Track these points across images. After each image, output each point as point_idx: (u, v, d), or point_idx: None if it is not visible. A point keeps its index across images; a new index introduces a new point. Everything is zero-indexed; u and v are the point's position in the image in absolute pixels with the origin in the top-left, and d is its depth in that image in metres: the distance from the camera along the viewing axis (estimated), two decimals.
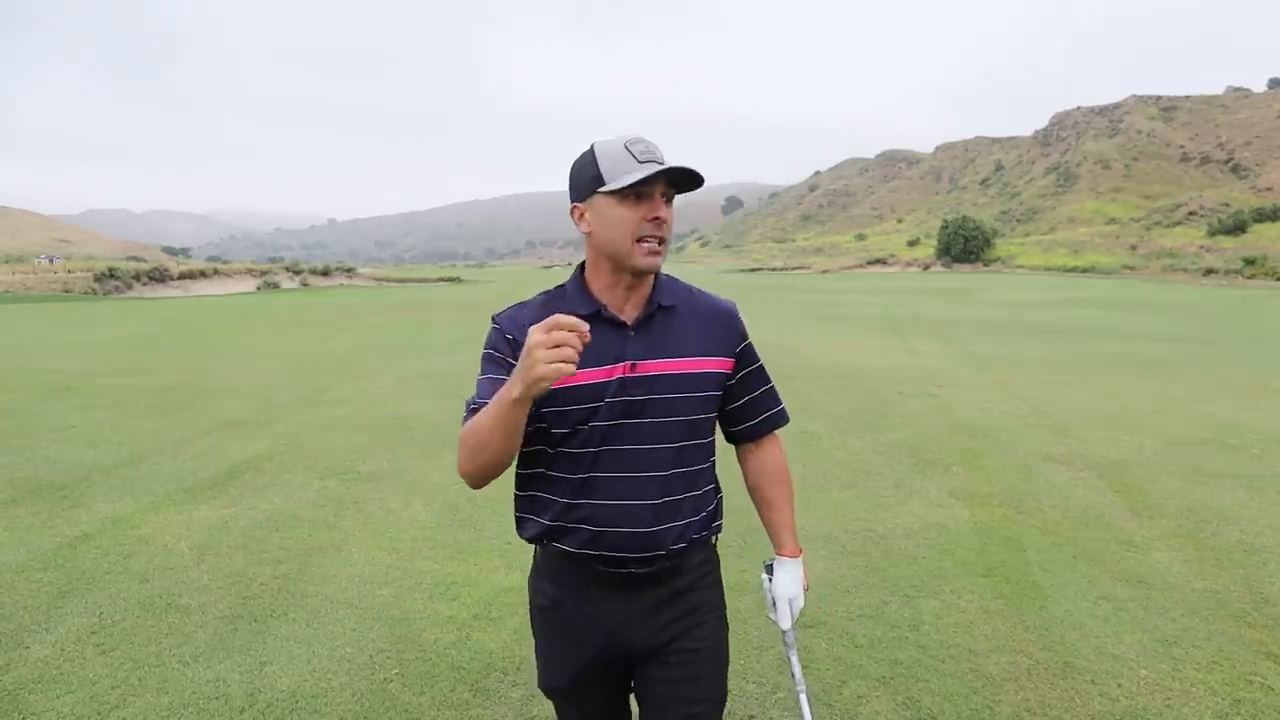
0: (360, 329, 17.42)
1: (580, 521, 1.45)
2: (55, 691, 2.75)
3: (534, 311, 1.45)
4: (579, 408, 1.41)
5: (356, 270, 60.25)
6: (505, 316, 1.48)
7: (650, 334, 1.45)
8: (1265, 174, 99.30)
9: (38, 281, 39.23)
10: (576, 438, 1.43)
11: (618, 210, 1.37)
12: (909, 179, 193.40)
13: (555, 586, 1.53)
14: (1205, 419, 7.10)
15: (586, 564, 1.47)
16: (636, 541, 1.44)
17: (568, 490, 1.45)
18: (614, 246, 1.39)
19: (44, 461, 5.81)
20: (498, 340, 1.46)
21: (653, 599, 1.49)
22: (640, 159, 1.36)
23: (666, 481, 1.45)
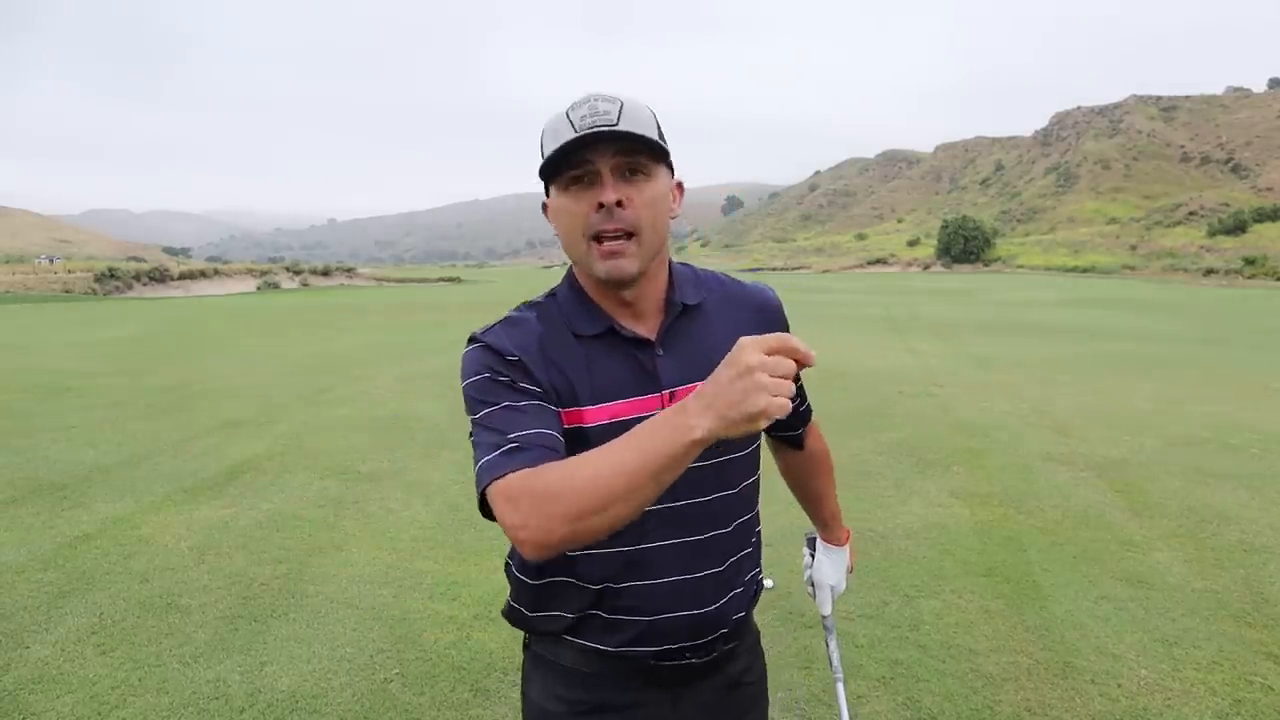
0: (360, 329, 17.42)
1: (625, 612, 1.09)
2: (55, 691, 2.75)
3: (526, 330, 1.09)
4: None
5: (356, 270, 60.31)
6: (494, 334, 1.08)
7: (680, 348, 1.10)
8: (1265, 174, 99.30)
9: (38, 282, 39.26)
10: None
11: (561, 200, 1.05)
12: (909, 179, 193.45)
13: (579, 690, 1.14)
14: (1205, 419, 7.09)
15: (629, 661, 1.12)
16: (696, 625, 1.12)
17: (605, 571, 1.09)
18: (571, 249, 1.06)
19: (44, 461, 5.81)
20: (491, 360, 1.05)
21: (711, 693, 1.18)
22: (579, 127, 0.99)
23: (726, 540, 1.14)
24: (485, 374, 1.05)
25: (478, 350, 1.07)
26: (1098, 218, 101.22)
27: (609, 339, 1.09)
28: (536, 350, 1.07)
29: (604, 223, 1.01)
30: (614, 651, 1.11)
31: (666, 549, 1.09)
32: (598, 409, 1.06)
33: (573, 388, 1.06)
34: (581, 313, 1.10)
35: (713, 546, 1.13)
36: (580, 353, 1.08)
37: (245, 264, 60.68)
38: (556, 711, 1.15)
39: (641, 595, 1.09)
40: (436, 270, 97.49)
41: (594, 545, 0.98)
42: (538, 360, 1.06)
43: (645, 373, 1.08)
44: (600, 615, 1.11)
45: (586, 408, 1.06)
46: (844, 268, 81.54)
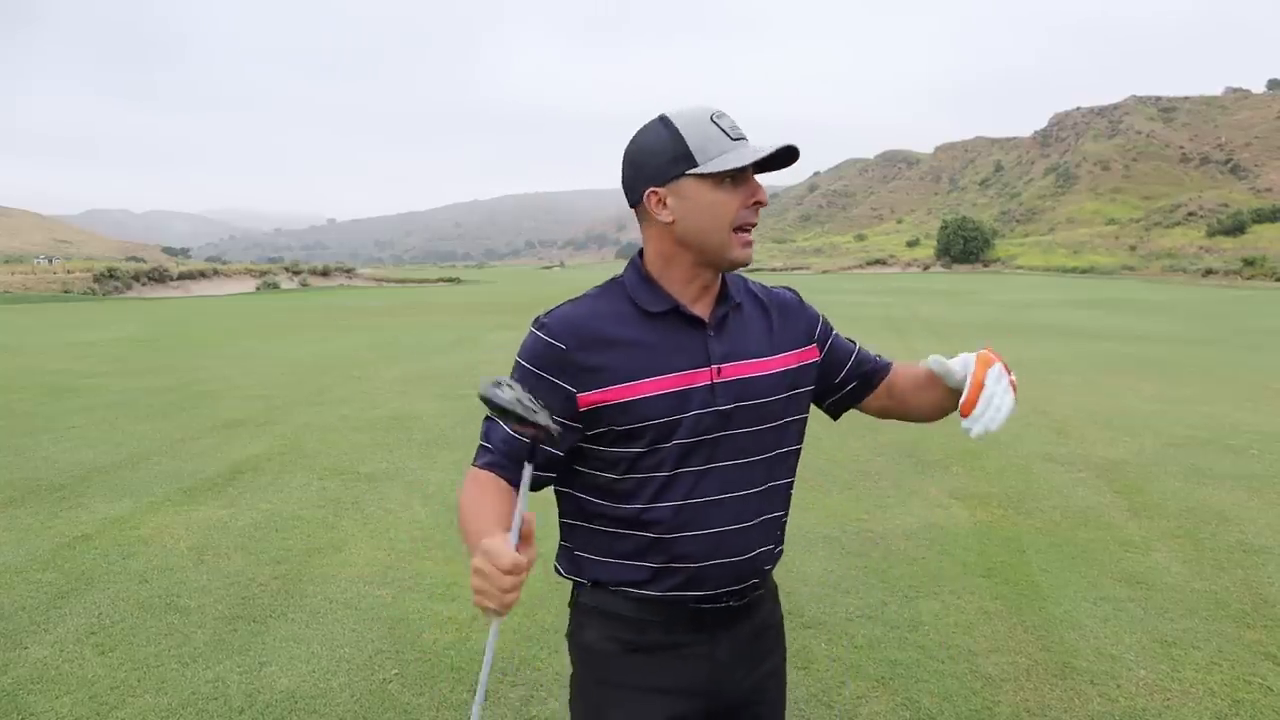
0: (360, 329, 17.41)
1: (674, 560, 1.22)
2: (54, 692, 2.75)
3: (589, 309, 1.23)
4: (663, 421, 1.19)
5: (356, 271, 60.24)
6: (556, 319, 1.21)
7: (729, 334, 1.25)
8: (1264, 174, 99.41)
9: (37, 282, 39.22)
10: (655, 457, 1.20)
11: (714, 195, 1.16)
12: (909, 179, 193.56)
13: (629, 630, 1.26)
14: (1205, 419, 7.10)
15: (675, 605, 1.25)
16: (734, 574, 1.25)
17: (655, 525, 1.21)
18: (706, 237, 1.18)
19: (44, 462, 5.81)
20: (546, 353, 1.19)
21: (743, 635, 1.31)
22: (733, 136, 1.16)
23: (761, 498, 1.27)
24: (530, 363, 1.21)
25: (534, 338, 1.22)
26: (1097, 218, 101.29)
27: (673, 316, 1.23)
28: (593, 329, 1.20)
29: (752, 217, 1.20)
30: (663, 596, 1.24)
31: (717, 504, 1.23)
32: (647, 383, 1.19)
33: (623, 365, 1.20)
34: (649, 293, 1.23)
35: (750, 505, 1.26)
36: (646, 327, 1.22)
37: (245, 264, 60.63)
38: (610, 650, 1.27)
39: (691, 544, 1.22)
40: (436, 270, 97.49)
41: (652, 499, 1.20)
42: (589, 341, 1.20)
43: (699, 349, 1.23)
44: (651, 566, 1.23)
45: (635, 383, 1.19)
46: (843, 268, 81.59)
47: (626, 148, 1.22)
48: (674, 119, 1.17)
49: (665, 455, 1.20)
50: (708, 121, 1.16)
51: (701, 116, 1.17)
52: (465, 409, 7.64)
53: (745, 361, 1.25)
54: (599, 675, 1.27)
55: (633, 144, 1.21)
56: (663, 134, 1.17)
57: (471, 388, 9.03)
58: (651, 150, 1.18)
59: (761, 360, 1.26)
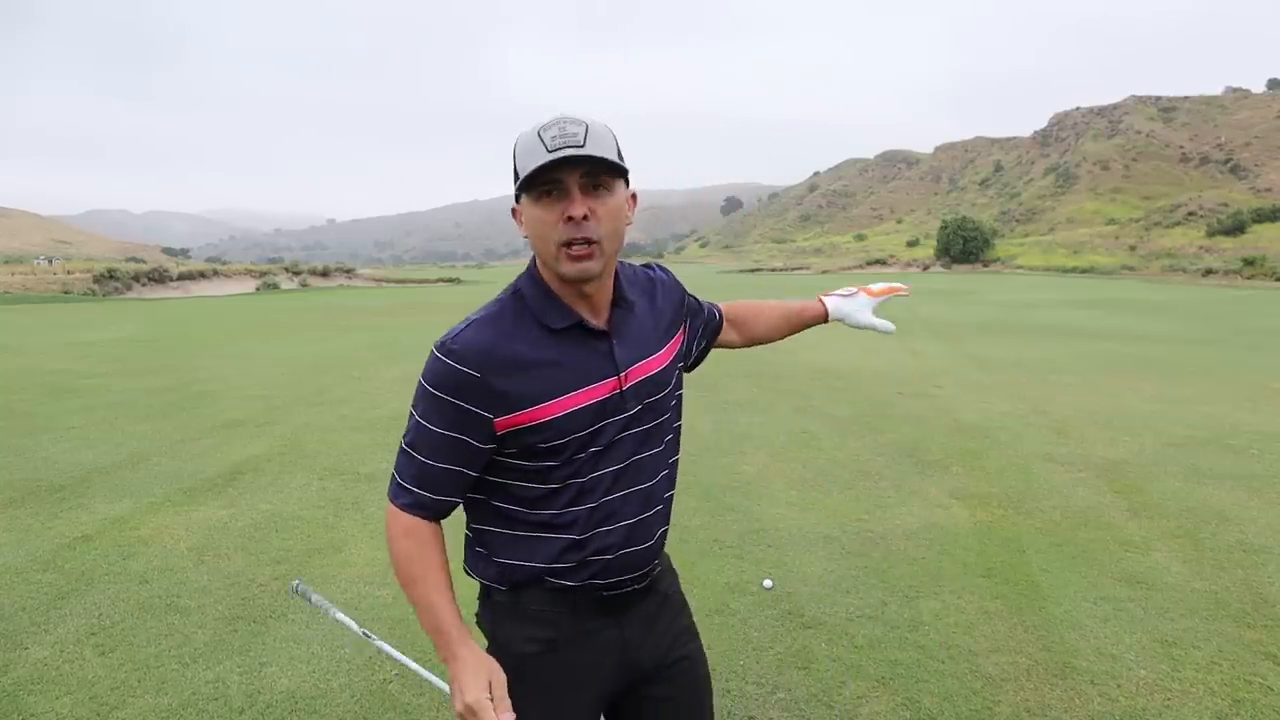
0: (360, 329, 17.41)
1: (591, 555, 1.27)
2: (54, 693, 2.75)
3: (496, 330, 1.22)
4: (578, 435, 1.23)
5: (356, 271, 60.19)
6: (465, 345, 1.20)
7: (625, 335, 1.29)
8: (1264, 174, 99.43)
9: (37, 282, 39.19)
10: (571, 466, 1.24)
11: (534, 211, 1.18)
12: (908, 179, 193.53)
13: (546, 628, 1.31)
14: (1205, 419, 7.10)
15: (587, 594, 1.30)
16: (642, 558, 1.32)
17: (572, 526, 1.26)
18: (541, 253, 1.21)
19: (44, 462, 5.81)
20: (457, 381, 1.20)
21: (648, 611, 1.37)
22: (550, 147, 1.13)
23: (660, 486, 1.35)
24: (436, 389, 1.22)
25: (438, 364, 1.21)
26: (1097, 218, 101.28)
27: (576, 331, 1.25)
28: (504, 353, 1.21)
29: (573, 232, 1.16)
30: (577, 586, 1.28)
31: (626, 497, 1.29)
32: (560, 401, 1.22)
33: (536, 387, 1.21)
34: (550, 308, 1.24)
35: (653, 492, 1.33)
36: (550, 345, 1.23)
37: (244, 265, 60.57)
38: (530, 652, 1.31)
39: (607, 538, 1.28)
40: (436, 270, 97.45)
41: (569, 504, 1.25)
42: (500, 366, 1.20)
43: (606, 359, 1.26)
44: (567, 565, 1.27)
45: (549, 403, 1.22)
46: (843, 268, 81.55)
47: None
48: (518, 138, 1.19)
49: (581, 463, 1.25)
50: (534, 136, 1.16)
51: (531, 132, 1.17)
52: None
53: (645, 361, 1.31)
54: (521, 675, 1.29)
55: None
56: (515, 150, 1.20)
57: None
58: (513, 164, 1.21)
59: (656, 355, 1.33)
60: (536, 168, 1.13)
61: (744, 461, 5.71)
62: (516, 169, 1.18)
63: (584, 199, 1.16)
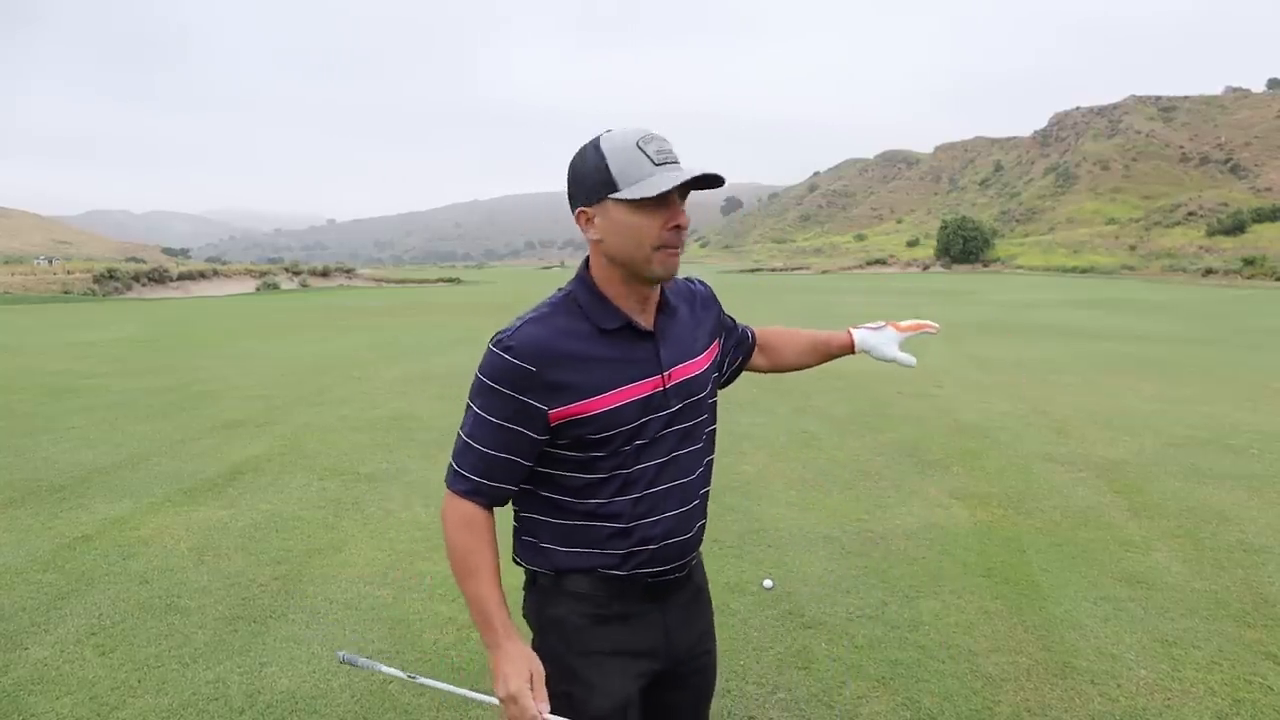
0: (360, 329, 17.42)
1: (636, 545, 1.35)
2: (55, 693, 2.75)
3: (551, 328, 1.30)
4: (624, 429, 1.31)
5: (356, 271, 60.14)
6: (522, 341, 1.28)
7: (671, 339, 1.38)
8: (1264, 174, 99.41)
9: (37, 283, 39.16)
10: (618, 458, 1.32)
11: (634, 218, 1.24)
12: (908, 179, 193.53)
13: (595, 607, 1.38)
14: (1205, 419, 7.10)
15: (633, 581, 1.38)
16: (681, 550, 1.40)
17: (618, 516, 1.34)
18: (629, 255, 1.27)
19: (44, 462, 5.81)
20: (514, 374, 1.27)
21: (685, 600, 1.47)
22: (656, 161, 1.23)
23: (698, 482, 1.43)
24: (495, 382, 1.29)
25: (496, 358, 1.29)
26: (1097, 218, 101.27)
27: (625, 331, 1.33)
28: (558, 349, 1.28)
29: (673, 238, 1.27)
30: (625, 575, 1.36)
31: (668, 491, 1.37)
32: (610, 395, 1.30)
33: (588, 381, 1.29)
34: (602, 310, 1.32)
35: (692, 487, 1.41)
36: (601, 344, 1.31)
37: (244, 265, 60.49)
38: (579, 623, 1.38)
39: (650, 529, 1.36)
40: (436, 271, 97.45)
41: (614, 494, 1.33)
42: (555, 361, 1.28)
43: (652, 358, 1.35)
44: (615, 553, 1.35)
45: (599, 396, 1.29)
46: (843, 268, 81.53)
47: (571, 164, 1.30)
48: (604, 144, 1.25)
49: (627, 455, 1.33)
50: (633, 147, 1.23)
51: (628, 142, 1.24)
52: None
53: (687, 363, 1.40)
54: (570, 643, 1.38)
55: (571, 163, 1.29)
56: (594, 160, 1.25)
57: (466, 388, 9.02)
58: (583, 173, 1.26)
59: (697, 359, 1.42)
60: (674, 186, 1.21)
61: (744, 461, 5.71)
62: (613, 177, 1.23)
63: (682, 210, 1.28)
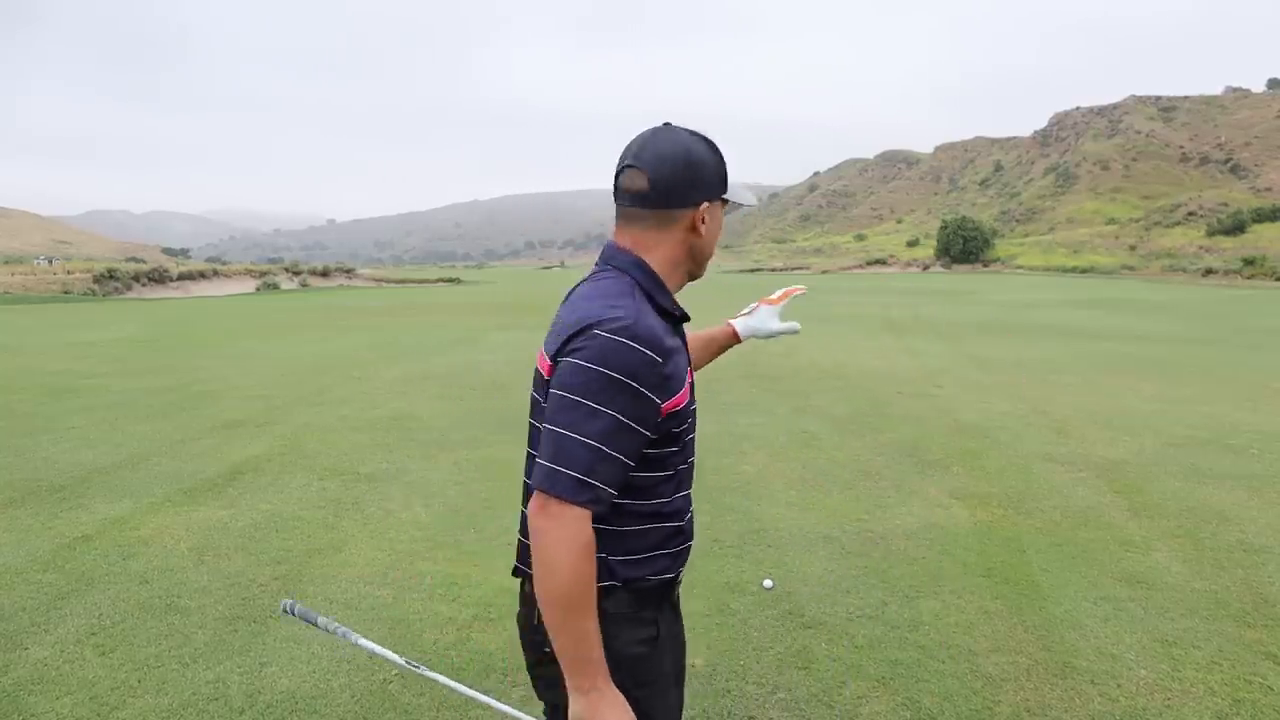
0: (360, 329, 17.41)
1: (685, 541, 1.35)
2: (55, 693, 2.75)
3: (652, 315, 1.26)
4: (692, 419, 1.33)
5: (356, 271, 60.13)
6: (647, 331, 1.19)
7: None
8: (1264, 174, 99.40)
9: (37, 283, 39.15)
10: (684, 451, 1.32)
11: (719, 222, 1.36)
12: (908, 179, 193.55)
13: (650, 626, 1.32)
14: (1205, 419, 7.10)
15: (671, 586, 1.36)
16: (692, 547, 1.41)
17: (678, 513, 1.33)
18: (707, 255, 1.36)
19: (44, 462, 5.81)
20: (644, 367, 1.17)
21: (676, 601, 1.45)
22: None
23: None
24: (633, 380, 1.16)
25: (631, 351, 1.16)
26: (1097, 218, 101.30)
27: (678, 321, 1.35)
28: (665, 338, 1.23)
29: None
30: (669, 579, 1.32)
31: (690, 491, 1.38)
32: (688, 384, 1.30)
33: (680, 370, 1.26)
34: (666, 299, 1.31)
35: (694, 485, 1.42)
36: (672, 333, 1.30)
37: (244, 265, 60.47)
38: (641, 654, 1.29)
39: (690, 525, 1.37)
40: (436, 271, 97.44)
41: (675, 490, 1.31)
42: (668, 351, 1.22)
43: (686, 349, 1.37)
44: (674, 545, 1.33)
45: (685, 386, 1.28)
46: (843, 268, 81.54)
47: (678, 151, 1.25)
48: (715, 148, 1.29)
49: (685, 447, 1.32)
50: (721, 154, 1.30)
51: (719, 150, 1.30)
52: (465, 409, 7.65)
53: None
54: (635, 675, 1.25)
55: (688, 151, 1.26)
56: (712, 153, 1.28)
57: (472, 388, 9.05)
58: (708, 165, 1.28)
59: None
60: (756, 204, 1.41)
61: (744, 461, 5.71)
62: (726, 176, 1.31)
63: None
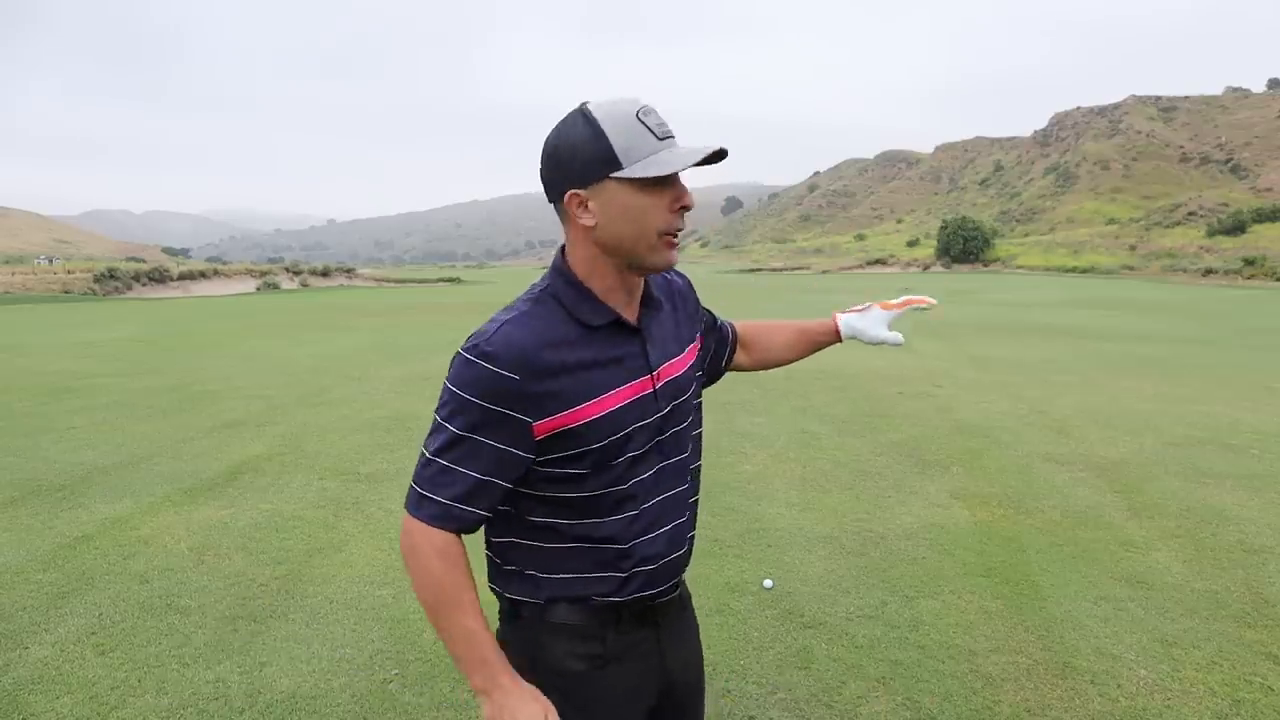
0: (360, 329, 17.41)
1: (636, 566, 1.21)
2: (54, 692, 2.75)
3: (532, 329, 1.13)
4: (615, 438, 1.15)
5: (356, 271, 60.12)
6: (502, 347, 1.09)
7: (656, 336, 1.24)
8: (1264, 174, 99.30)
9: (37, 282, 39.15)
10: (610, 472, 1.17)
11: (638, 200, 1.09)
12: (908, 179, 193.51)
13: (591, 644, 1.22)
14: (1205, 419, 7.10)
15: (628, 607, 1.24)
16: (677, 567, 1.28)
17: (615, 537, 1.19)
18: (631, 243, 1.12)
19: (44, 462, 5.81)
20: (495, 386, 1.09)
21: (675, 618, 1.34)
22: (659, 135, 1.08)
23: (689, 491, 1.30)
24: (471, 396, 1.11)
25: (469, 365, 1.11)
26: (1097, 218, 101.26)
27: (611, 329, 1.18)
28: (543, 353, 1.11)
29: (678, 221, 1.13)
30: (624, 601, 1.22)
31: (664, 502, 1.24)
32: (600, 400, 1.15)
33: (576, 386, 1.13)
34: (588, 306, 1.16)
35: (683, 497, 1.28)
36: (586, 344, 1.15)
37: (245, 264, 60.44)
38: (578, 670, 1.22)
39: (649, 547, 1.22)
40: (436, 270, 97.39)
41: (609, 513, 1.18)
42: (540, 367, 1.11)
43: (640, 357, 1.20)
44: (613, 576, 1.21)
45: (589, 403, 1.14)
46: (843, 268, 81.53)
47: (546, 141, 1.12)
48: (596, 114, 1.07)
49: (620, 467, 1.17)
50: (634, 119, 1.07)
51: (627, 112, 1.07)
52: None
53: (672, 361, 1.25)
54: (569, 694, 1.21)
55: (553, 138, 1.11)
56: (585, 131, 1.07)
57: None
58: (574, 148, 1.08)
59: (681, 357, 1.28)
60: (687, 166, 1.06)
61: (744, 461, 5.71)
62: (616, 153, 1.06)
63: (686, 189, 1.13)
